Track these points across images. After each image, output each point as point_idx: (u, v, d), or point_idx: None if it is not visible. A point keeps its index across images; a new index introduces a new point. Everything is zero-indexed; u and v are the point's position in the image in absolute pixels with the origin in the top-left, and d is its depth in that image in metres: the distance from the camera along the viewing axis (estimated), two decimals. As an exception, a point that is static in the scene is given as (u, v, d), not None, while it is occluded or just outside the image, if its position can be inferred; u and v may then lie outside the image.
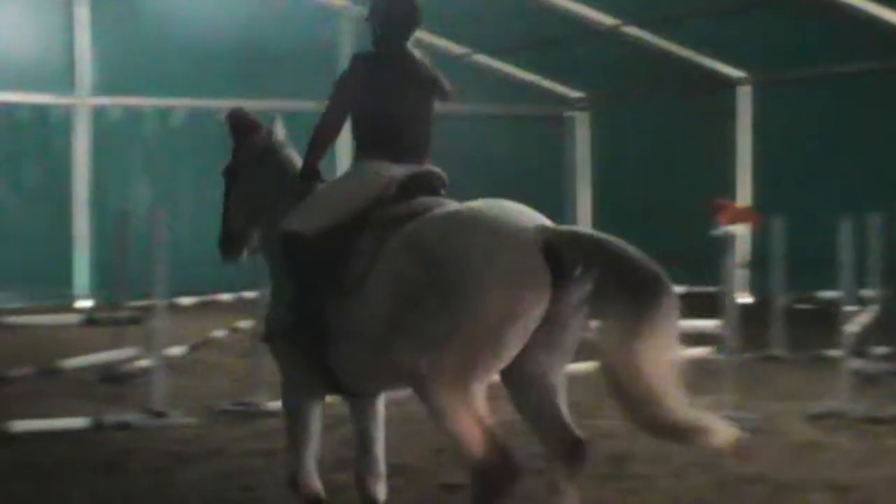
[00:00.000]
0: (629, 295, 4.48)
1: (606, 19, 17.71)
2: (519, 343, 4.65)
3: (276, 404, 9.49)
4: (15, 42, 18.57)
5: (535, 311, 4.59)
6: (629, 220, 18.05)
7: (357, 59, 5.66)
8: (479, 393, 4.69)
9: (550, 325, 4.71)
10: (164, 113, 19.64)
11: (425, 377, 4.74)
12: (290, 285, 5.46)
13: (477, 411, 4.66)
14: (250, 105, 19.21)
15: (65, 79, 18.98)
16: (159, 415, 9.09)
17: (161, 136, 19.66)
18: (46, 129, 18.94)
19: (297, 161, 5.96)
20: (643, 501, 6.89)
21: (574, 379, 9.93)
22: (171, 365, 10.29)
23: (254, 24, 19.86)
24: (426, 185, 5.45)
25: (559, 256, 4.58)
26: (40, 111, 18.85)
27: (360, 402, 5.76)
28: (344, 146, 8.44)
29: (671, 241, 17.44)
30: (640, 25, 17.61)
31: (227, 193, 6.34)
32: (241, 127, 6.25)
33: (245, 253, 6.34)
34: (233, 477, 7.40)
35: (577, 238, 4.73)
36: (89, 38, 19.01)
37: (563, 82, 21.26)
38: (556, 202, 21.50)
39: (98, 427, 8.76)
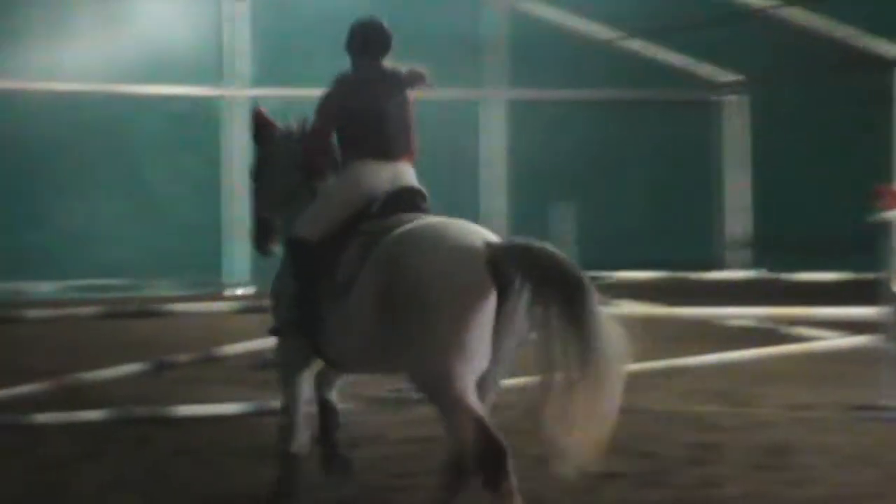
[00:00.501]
0: (560, 297, 5.04)
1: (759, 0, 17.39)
2: (480, 345, 5.23)
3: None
4: (172, 36, 19.00)
5: (486, 318, 5.20)
6: (785, 205, 17.75)
7: (338, 80, 6.42)
8: (469, 391, 5.24)
9: (495, 332, 5.27)
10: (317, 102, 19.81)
11: (418, 378, 5.46)
12: (294, 284, 6.08)
13: (470, 409, 5.21)
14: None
15: (221, 71, 19.33)
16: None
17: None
18: (203, 121, 19.30)
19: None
20: (807, 495, 6.68)
21: (726, 368, 9.94)
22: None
23: (404, 12, 19.93)
24: (407, 201, 6.04)
25: (501, 269, 5.17)
26: (197, 103, 19.23)
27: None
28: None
29: (829, 227, 17.13)
30: (794, 3, 17.23)
31: (255, 189, 6.88)
32: (262, 126, 6.92)
33: (276, 243, 6.73)
34: (389, 464, 7.43)
35: (515, 250, 5.27)
36: (247, 30, 19.33)
37: (713, 65, 20.92)
38: (704, 188, 21.23)
39: (256, 413, 8.88)
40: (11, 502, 6.55)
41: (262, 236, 6.78)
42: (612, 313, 5.28)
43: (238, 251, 19.23)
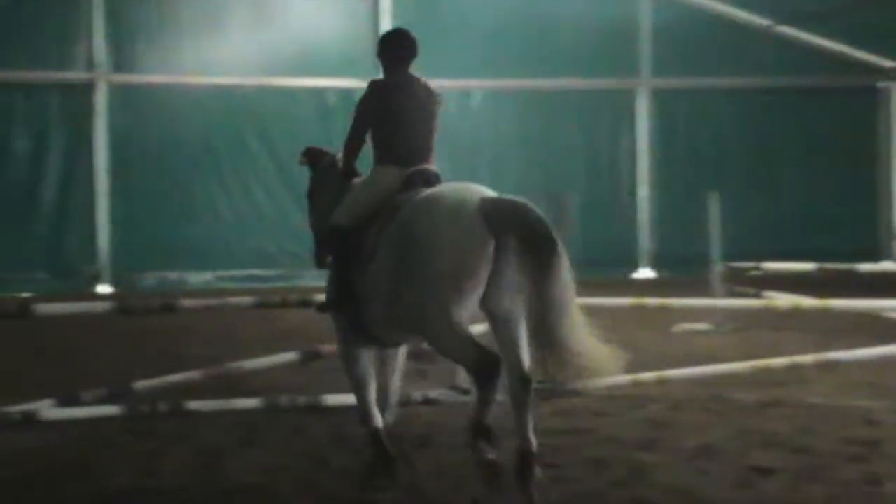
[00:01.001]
0: (533, 251, 5.83)
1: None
2: (476, 284, 5.95)
3: (578, 383, 9.51)
4: (322, 29, 19.22)
5: (483, 263, 5.91)
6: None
7: (373, 85, 6.92)
8: (461, 321, 5.96)
9: (501, 274, 5.95)
10: (464, 94, 19.90)
11: (420, 321, 6.10)
12: (333, 266, 6.80)
13: (462, 332, 5.96)
14: (546, 85, 19.52)
15: (370, 62, 19.47)
16: (464, 391, 9.22)
17: (461, 117, 19.92)
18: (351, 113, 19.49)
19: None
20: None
21: (886, 362, 9.68)
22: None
23: (551, 2, 19.92)
24: (423, 179, 6.62)
25: (493, 219, 5.91)
26: (347, 95, 19.41)
27: (385, 354, 7.06)
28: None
29: None
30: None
31: (310, 208, 7.65)
32: (314, 158, 7.69)
33: None
34: (539, 454, 7.37)
35: (502, 203, 6.06)
36: (390, 21, 19.46)
37: (875, 51, 20.39)
38: (866, 177, 20.74)
39: (406, 402, 8.95)
40: (173, 487, 6.70)
41: (319, 251, 7.37)
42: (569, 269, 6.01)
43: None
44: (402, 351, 7.24)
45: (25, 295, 17.57)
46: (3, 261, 17.84)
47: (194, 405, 8.71)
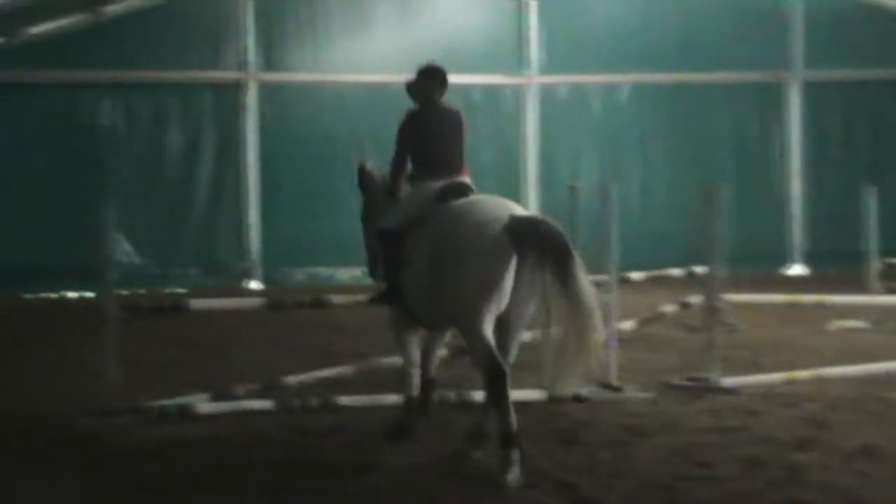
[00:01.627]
0: (552, 260, 6.61)
1: None
2: (501, 294, 6.83)
3: (731, 381, 9.39)
4: (467, 25, 19.25)
5: (507, 274, 6.79)
6: None
7: (410, 113, 7.93)
8: (487, 325, 6.81)
9: (519, 284, 6.83)
10: (611, 88, 19.77)
11: (451, 319, 7.13)
12: (384, 264, 7.71)
13: (484, 338, 6.80)
14: (694, 78, 19.25)
15: (514, 59, 19.49)
16: (614, 388, 9.16)
17: (607, 111, 19.81)
18: (497, 109, 19.50)
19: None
20: None
21: None
22: (622, 339, 10.36)
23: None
24: (456, 192, 7.50)
25: (516, 236, 6.71)
26: (492, 92, 19.45)
27: (432, 335, 7.97)
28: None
29: None
30: None
31: (364, 226, 8.40)
32: (365, 182, 8.41)
33: None
34: (690, 453, 7.33)
35: (524, 221, 6.85)
36: (536, 17, 19.43)
37: None
38: None
39: (555, 399, 8.91)
40: (325, 480, 6.78)
41: (373, 264, 8.22)
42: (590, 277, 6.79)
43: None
44: (442, 337, 8.18)
45: (179, 291, 17.98)
46: (158, 257, 18.28)
47: (345, 400, 8.79)
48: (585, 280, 6.66)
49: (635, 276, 10.80)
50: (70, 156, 17.97)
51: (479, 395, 8.84)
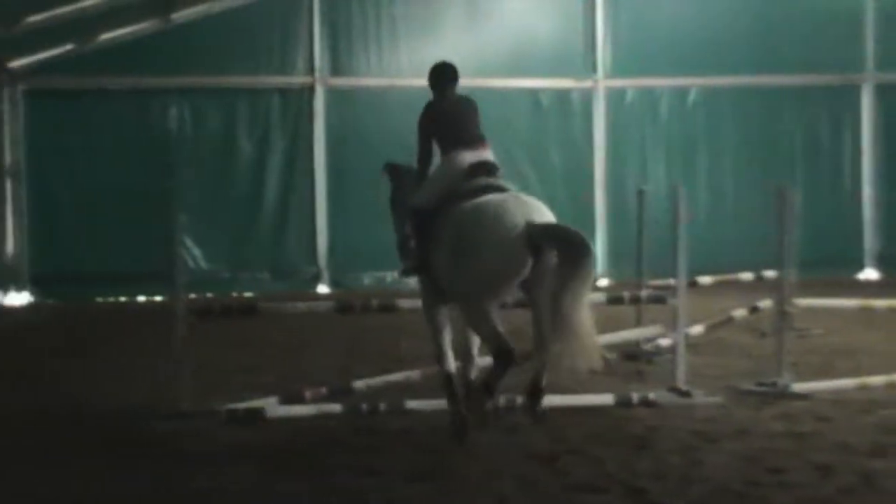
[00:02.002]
0: (568, 258, 7.12)
1: None
2: (508, 285, 7.48)
3: (802, 386, 9.29)
4: (535, 29, 19.23)
5: (519, 270, 7.36)
6: None
7: (427, 105, 8.48)
8: (492, 309, 7.45)
9: (539, 278, 7.33)
10: (680, 92, 19.65)
11: (460, 298, 7.69)
12: (415, 240, 8.27)
13: (490, 320, 7.43)
14: (764, 81, 19.13)
15: (583, 62, 19.44)
16: (684, 393, 9.10)
17: (676, 115, 19.70)
18: (565, 112, 19.46)
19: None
20: None
21: None
22: (691, 343, 10.28)
23: (770, -3, 19.59)
24: (484, 169, 8.09)
25: (533, 241, 7.29)
26: (560, 95, 19.41)
27: (466, 336, 8.36)
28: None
29: None
30: None
31: (393, 213, 8.98)
32: (393, 173, 9.06)
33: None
34: (761, 458, 7.26)
35: (540, 228, 7.36)
36: (604, 21, 19.37)
37: None
38: None
39: (624, 404, 8.88)
40: (395, 484, 6.78)
41: (402, 245, 8.71)
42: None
43: (597, 241, 19.32)
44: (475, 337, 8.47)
45: (248, 294, 18.12)
46: (229, 261, 18.43)
47: (413, 404, 8.80)
48: (589, 276, 7.22)
49: (704, 280, 10.72)
50: (140, 161, 18.17)
51: (548, 400, 8.82)
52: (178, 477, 6.99)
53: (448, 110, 8.37)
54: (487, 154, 8.22)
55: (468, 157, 8.11)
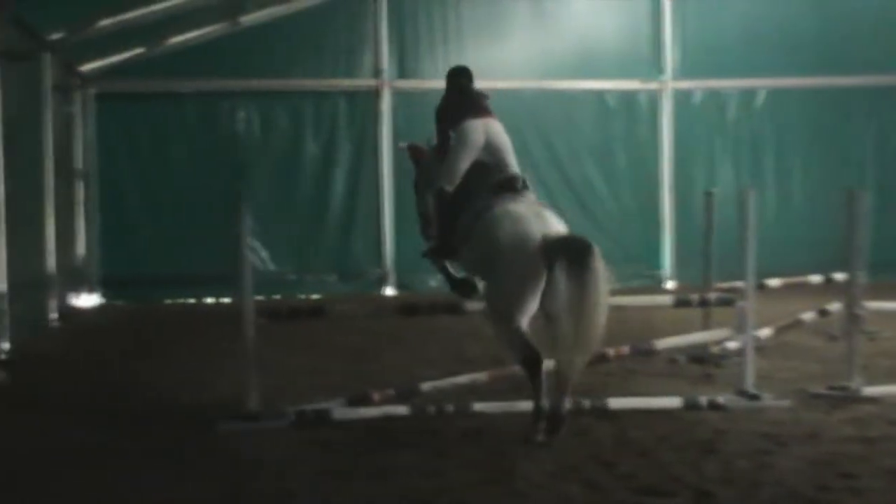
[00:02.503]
0: (578, 265, 7.58)
1: None
2: (531, 296, 7.86)
3: (872, 390, 9.19)
4: (601, 31, 19.19)
5: (537, 282, 7.81)
6: None
7: (444, 97, 9.18)
8: (519, 321, 7.90)
9: (553, 289, 7.74)
10: (748, 93, 19.52)
11: (490, 308, 8.26)
12: (438, 222, 8.81)
13: (514, 328, 7.90)
14: (833, 82, 18.94)
15: (650, 64, 19.36)
16: (752, 397, 9.03)
17: (744, 116, 19.57)
18: (632, 114, 19.40)
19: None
20: None
21: None
22: (759, 346, 10.21)
23: (840, -1, 19.42)
24: (512, 185, 8.62)
25: (548, 254, 7.74)
26: (626, 97, 19.34)
27: None
28: None
29: None
30: None
31: (417, 198, 9.48)
32: (417, 153, 9.62)
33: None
34: (831, 463, 7.19)
35: (556, 241, 7.82)
36: (671, 22, 19.29)
37: None
38: None
39: (691, 407, 8.84)
40: (461, 486, 6.79)
41: (425, 226, 9.24)
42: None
43: (665, 244, 19.25)
44: None
45: (315, 296, 18.22)
46: (296, 263, 18.55)
47: (480, 406, 8.81)
48: (602, 284, 7.64)
49: (773, 282, 10.64)
50: (208, 164, 18.34)
51: (614, 402, 8.82)
52: (245, 479, 7.05)
53: (464, 95, 9.07)
54: (494, 121, 8.93)
55: (480, 127, 8.78)
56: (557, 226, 8.13)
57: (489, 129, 8.81)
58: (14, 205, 11.96)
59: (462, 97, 9.06)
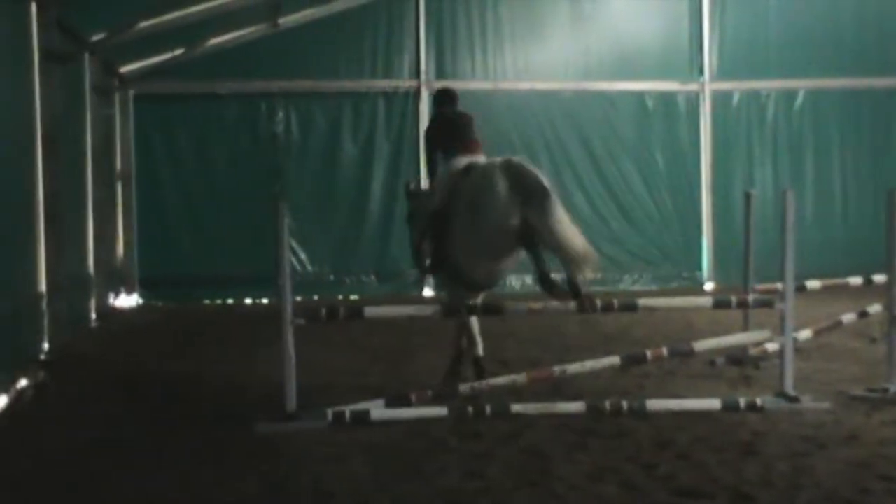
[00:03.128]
0: (537, 198, 8.77)
1: None
2: (508, 238, 9.00)
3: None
4: (642, 31, 19.15)
5: (512, 223, 8.90)
6: None
7: (432, 119, 10.53)
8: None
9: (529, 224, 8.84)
10: (787, 94, 19.42)
11: (469, 261, 9.50)
12: (434, 242, 9.66)
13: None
14: (875, 84, 18.85)
15: (689, 65, 19.30)
16: (792, 399, 8.98)
17: (783, 117, 19.48)
18: (671, 115, 19.33)
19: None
20: None
21: None
22: (798, 348, 10.15)
23: (877, -1, 19.28)
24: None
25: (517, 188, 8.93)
26: (666, 98, 19.28)
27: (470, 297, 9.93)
28: None
29: None
30: None
31: (410, 227, 10.70)
32: (413, 193, 10.87)
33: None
34: (871, 465, 7.15)
35: (512, 166, 9.10)
36: (710, 23, 19.23)
37: None
38: None
39: (730, 408, 8.80)
40: (500, 488, 6.80)
41: (417, 256, 10.20)
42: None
43: (704, 246, 19.17)
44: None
45: (353, 297, 18.26)
46: (334, 264, 18.60)
47: (519, 408, 8.81)
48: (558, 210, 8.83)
49: (813, 284, 10.57)
50: (247, 165, 18.42)
51: (652, 404, 8.80)
52: (283, 479, 7.08)
53: (449, 123, 10.08)
54: (480, 157, 9.76)
55: (464, 160, 9.66)
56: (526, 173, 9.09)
57: (472, 171, 9.51)
58: (55, 205, 12.05)
59: (452, 125, 10.08)
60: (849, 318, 11.55)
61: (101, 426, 8.72)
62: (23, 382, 10.24)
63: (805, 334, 11.04)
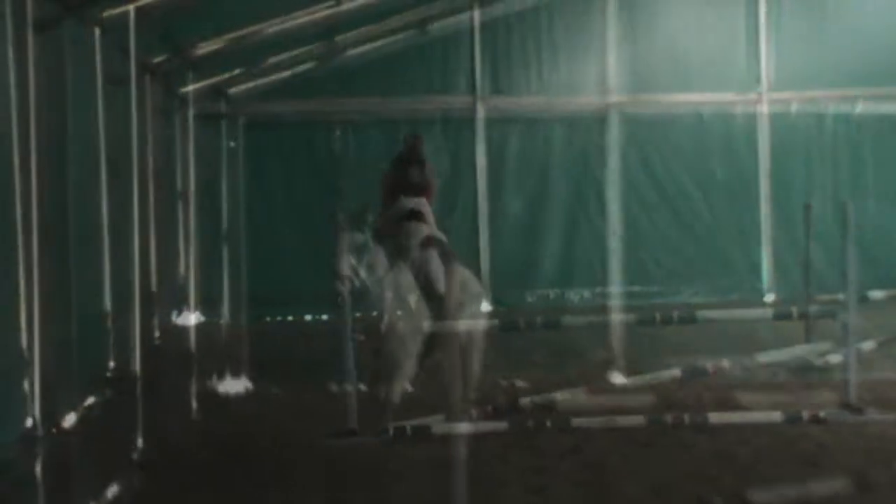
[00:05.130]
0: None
1: None
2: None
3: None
4: (698, 43, 19.08)
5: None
6: None
7: (392, 162, 12.06)
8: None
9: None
10: (845, 104, 19.27)
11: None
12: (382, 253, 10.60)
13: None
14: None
15: (746, 76, 19.20)
16: (856, 410, 8.91)
17: (842, 127, 19.33)
18: (729, 127, 19.24)
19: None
20: None
21: None
22: (862, 360, 10.07)
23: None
24: (417, 214, 11.19)
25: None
26: (722, 111, 19.19)
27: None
28: None
29: None
30: None
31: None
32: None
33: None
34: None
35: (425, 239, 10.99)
36: (766, 33, 19.13)
37: None
38: None
39: (793, 421, 8.74)
40: (563, 498, 6.80)
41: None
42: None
43: (764, 257, 19.07)
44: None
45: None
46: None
47: (579, 421, 8.81)
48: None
49: (876, 295, 10.50)
50: (306, 184, 18.52)
51: (714, 417, 8.77)
52: (346, 495, 7.12)
53: (399, 174, 11.66)
54: (421, 202, 11.38)
55: (408, 203, 11.28)
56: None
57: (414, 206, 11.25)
58: (120, 225, 12.21)
59: (403, 175, 11.62)
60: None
61: (161, 443, 8.80)
62: (90, 400, 10.36)
63: (869, 345, 10.95)
